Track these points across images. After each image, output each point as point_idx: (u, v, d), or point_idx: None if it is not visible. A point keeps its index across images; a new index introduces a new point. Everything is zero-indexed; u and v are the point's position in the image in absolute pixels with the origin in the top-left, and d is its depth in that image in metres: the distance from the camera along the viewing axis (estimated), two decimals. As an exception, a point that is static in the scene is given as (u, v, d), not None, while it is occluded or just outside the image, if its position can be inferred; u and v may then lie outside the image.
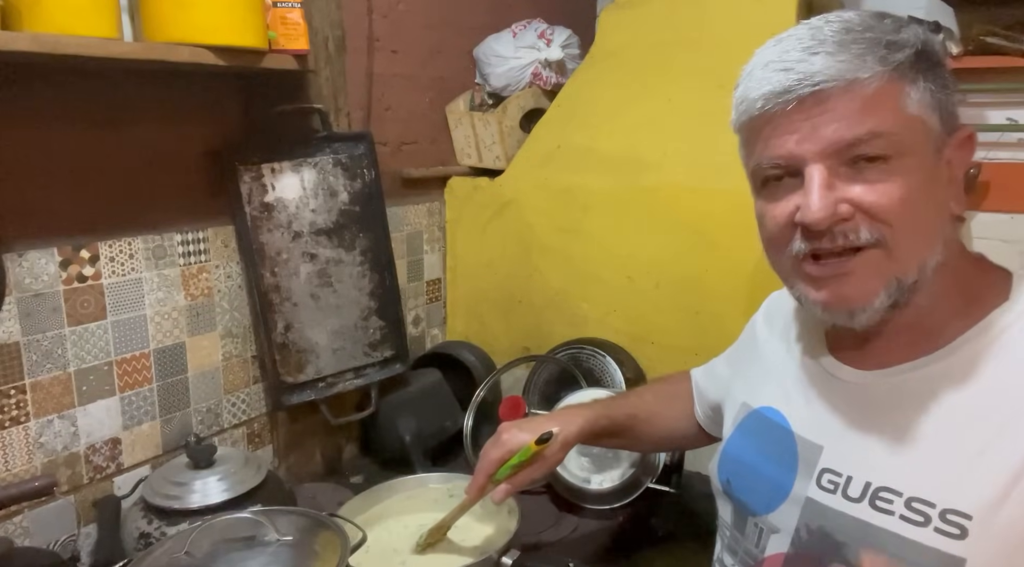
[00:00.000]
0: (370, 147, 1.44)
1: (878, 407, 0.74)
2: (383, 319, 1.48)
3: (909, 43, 0.67)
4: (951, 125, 0.70)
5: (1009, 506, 0.63)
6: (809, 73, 0.66)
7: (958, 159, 0.71)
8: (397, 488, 1.21)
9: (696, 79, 1.48)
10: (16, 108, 1.05)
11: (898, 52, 0.66)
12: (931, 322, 0.72)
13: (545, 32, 1.73)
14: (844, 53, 0.66)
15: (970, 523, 0.64)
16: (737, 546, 0.86)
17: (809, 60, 0.66)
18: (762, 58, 0.70)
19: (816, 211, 0.67)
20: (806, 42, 0.67)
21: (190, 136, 1.27)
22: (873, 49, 0.66)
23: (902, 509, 0.68)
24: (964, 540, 0.64)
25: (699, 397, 1.08)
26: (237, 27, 1.07)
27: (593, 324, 1.59)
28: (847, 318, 0.71)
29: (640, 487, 1.29)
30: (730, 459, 0.90)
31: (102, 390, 1.17)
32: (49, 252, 1.09)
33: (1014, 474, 0.63)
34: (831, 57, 0.66)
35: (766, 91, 0.68)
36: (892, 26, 0.68)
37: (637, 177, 1.50)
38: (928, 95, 0.67)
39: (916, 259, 0.68)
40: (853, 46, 0.66)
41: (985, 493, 0.64)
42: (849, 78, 0.65)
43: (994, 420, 0.66)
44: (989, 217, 1.51)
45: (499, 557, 1.02)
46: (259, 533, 0.91)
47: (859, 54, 0.66)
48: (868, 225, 0.67)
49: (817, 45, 0.67)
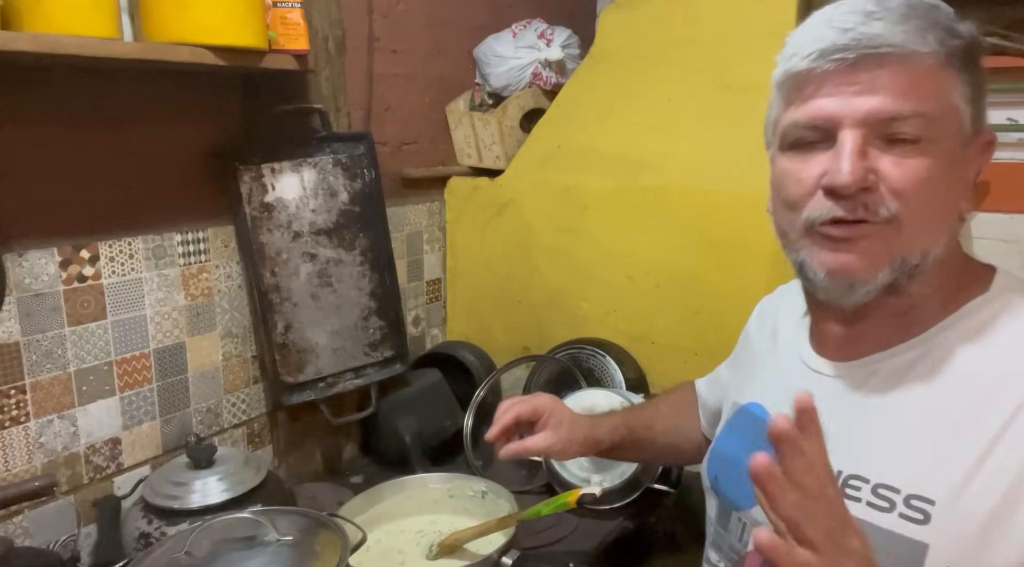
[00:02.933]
0: (370, 147, 1.44)
1: (852, 398, 0.75)
2: (383, 319, 1.48)
3: (965, 34, 0.67)
4: (979, 125, 0.70)
5: (972, 491, 0.64)
6: (869, 35, 0.65)
7: (976, 161, 0.71)
8: (397, 488, 1.21)
9: (696, 79, 1.48)
10: (16, 108, 1.05)
11: (956, 38, 0.66)
12: (917, 312, 0.73)
13: (545, 32, 1.73)
14: (907, 23, 0.65)
15: (933, 508, 0.65)
16: (721, 542, 0.87)
17: (870, 23, 0.65)
18: (820, 16, 0.69)
19: (847, 174, 0.65)
20: (869, 7, 0.66)
21: (190, 136, 1.27)
22: (935, 28, 0.66)
23: (869, 496, 0.69)
24: (927, 525, 0.65)
25: (702, 407, 1.09)
26: (237, 27, 1.07)
27: (593, 324, 1.59)
28: (846, 288, 0.70)
29: (640, 487, 1.29)
30: (717, 456, 0.91)
31: (102, 390, 1.17)
32: (49, 252, 1.09)
33: (978, 459, 0.64)
34: (895, 25, 0.65)
35: (821, 47, 0.67)
36: (951, 14, 0.68)
37: (637, 177, 1.49)
38: (970, 90, 0.68)
39: (923, 242, 0.68)
40: (916, 20, 0.66)
41: (949, 479, 0.65)
42: (910, 48, 0.65)
43: (962, 407, 0.67)
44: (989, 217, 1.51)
45: (499, 557, 1.02)
46: (259, 533, 0.91)
47: (921, 28, 0.65)
48: (888, 199, 0.66)
49: (881, 11, 0.66)
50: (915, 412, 0.70)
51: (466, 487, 1.22)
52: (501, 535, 1.08)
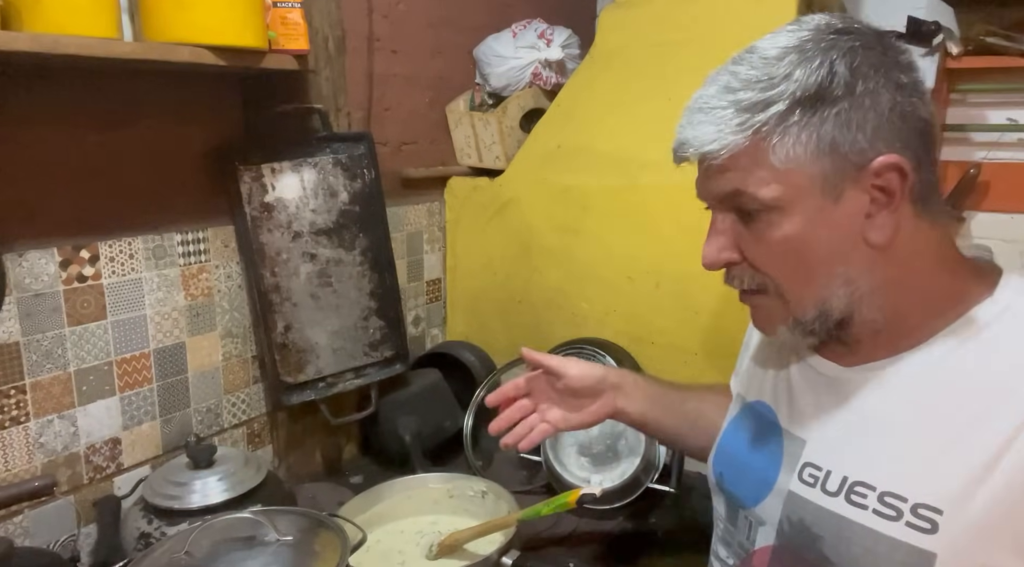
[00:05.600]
0: (370, 147, 1.44)
1: (858, 402, 0.75)
2: (383, 319, 1.48)
3: (785, 94, 0.66)
4: (861, 158, 0.66)
5: (979, 500, 0.63)
6: (685, 140, 0.72)
7: (888, 184, 0.67)
8: (397, 488, 1.22)
9: (696, 79, 1.45)
10: (16, 108, 1.05)
11: (761, 112, 0.66)
12: (904, 325, 0.72)
13: (545, 32, 1.73)
14: (708, 123, 0.70)
15: (940, 517, 0.64)
16: (731, 538, 0.87)
17: (688, 129, 0.72)
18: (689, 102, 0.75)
19: (704, 256, 0.75)
20: (700, 100, 0.72)
21: (190, 136, 1.27)
22: (737, 115, 0.68)
23: (875, 503, 0.69)
24: (935, 534, 0.64)
25: None
26: (237, 27, 1.07)
27: (593, 324, 1.59)
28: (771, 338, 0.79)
29: (640, 487, 1.29)
30: (723, 453, 0.91)
31: (102, 390, 1.17)
32: (49, 252, 1.09)
33: (984, 467, 0.64)
34: (699, 126, 0.71)
35: (672, 146, 0.75)
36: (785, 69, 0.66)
37: (637, 177, 1.49)
38: (814, 140, 0.66)
39: (809, 302, 0.72)
40: (722, 111, 0.69)
41: (955, 487, 0.64)
42: (707, 148, 0.70)
43: (968, 413, 0.66)
44: (989, 217, 1.51)
45: (499, 557, 1.02)
46: (259, 533, 0.91)
47: (717, 123, 0.69)
48: (751, 273, 0.73)
49: (698, 109, 0.72)
50: (919, 419, 0.69)
51: (466, 487, 1.22)
52: (501, 535, 1.08)
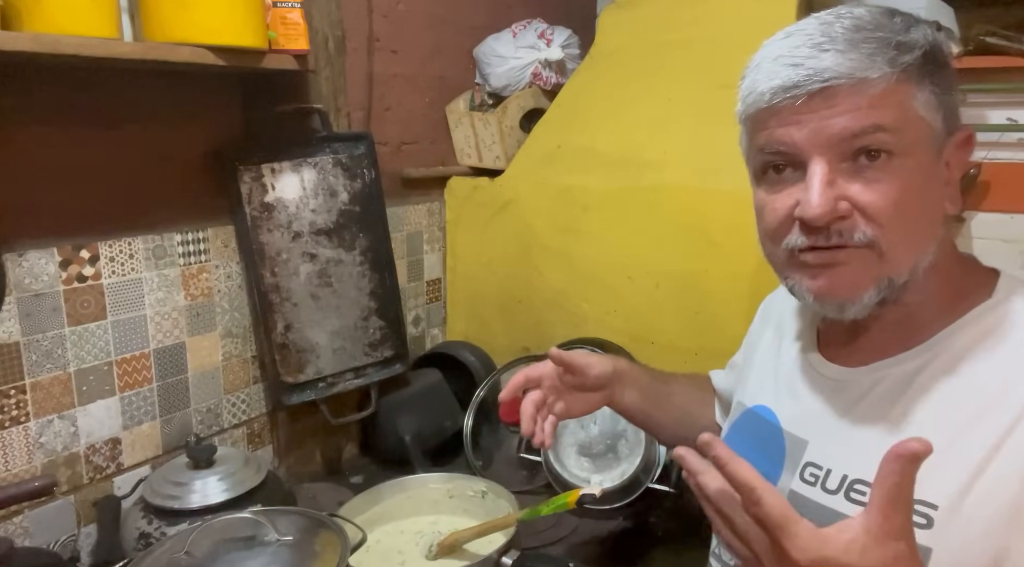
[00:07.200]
0: (370, 147, 1.44)
1: (859, 402, 0.75)
2: (383, 319, 1.48)
3: (918, 44, 0.67)
4: (952, 125, 0.70)
5: (974, 495, 0.64)
6: (819, 69, 0.66)
7: (956, 159, 0.71)
8: (397, 488, 1.21)
9: (696, 79, 1.48)
10: (16, 108, 1.05)
11: (907, 54, 0.66)
12: (918, 319, 0.73)
13: (545, 32, 1.73)
14: (854, 51, 0.66)
15: (936, 513, 0.65)
16: None
17: (819, 56, 0.66)
18: (771, 51, 0.70)
19: (816, 207, 0.67)
20: (816, 38, 0.67)
21: (190, 136, 1.27)
22: (883, 49, 0.66)
23: None
24: (930, 530, 0.64)
25: (719, 398, 1.08)
26: (237, 27, 1.07)
27: (593, 324, 1.59)
28: (837, 309, 0.72)
29: (640, 487, 1.29)
30: None
31: (102, 390, 1.17)
32: (49, 252, 1.09)
33: (980, 463, 0.64)
34: (841, 55, 0.66)
35: (775, 85, 0.68)
36: (902, 25, 0.68)
37: (637, 177, 1.49)
38: (933, 97, 0.68)
39: (908, 260, 0.69)
40: (864, 45, 0.66)
41: (952, 483, 0.65)
42: (859, 77, 0.65)
43: (966, 411, 0.67)
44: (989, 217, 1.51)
45: (499, 557, 1.02)
46: (259, 533, 0.91)
47: (869, 53, 0.66)
48: (863, 225, 0.68)
49: (828, 42, 0.66)
50: (920, 418, 0.70)
51: (466, 487, 1.21)
52: (501, 535, 1.08)
